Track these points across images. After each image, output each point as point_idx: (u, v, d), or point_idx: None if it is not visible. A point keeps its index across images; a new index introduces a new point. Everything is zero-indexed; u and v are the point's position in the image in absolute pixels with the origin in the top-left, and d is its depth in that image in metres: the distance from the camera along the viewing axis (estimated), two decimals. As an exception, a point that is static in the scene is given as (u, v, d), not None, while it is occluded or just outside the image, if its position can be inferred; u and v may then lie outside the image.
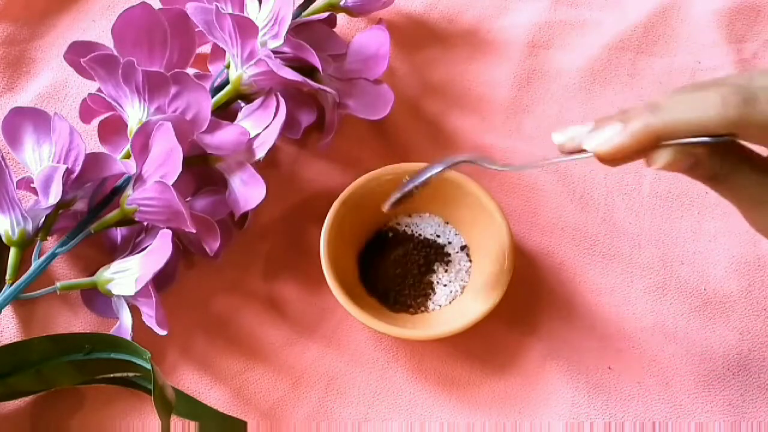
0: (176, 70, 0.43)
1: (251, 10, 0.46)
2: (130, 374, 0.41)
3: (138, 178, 0.42)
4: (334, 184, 0.50)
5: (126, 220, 0.43)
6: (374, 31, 0.50)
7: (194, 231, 0.41)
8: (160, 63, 0.45)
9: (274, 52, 0.45)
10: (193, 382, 0.45)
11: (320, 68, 0.46)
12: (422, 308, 0.46)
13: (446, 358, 0.45)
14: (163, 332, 0.41)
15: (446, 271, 0.47)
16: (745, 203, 0.33)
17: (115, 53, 0.44)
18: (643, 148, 0.31)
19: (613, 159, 0.32)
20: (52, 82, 0.54)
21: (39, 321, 0.46)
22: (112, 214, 0.43)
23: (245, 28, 0.43)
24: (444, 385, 0.45)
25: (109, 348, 0.40)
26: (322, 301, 0.47)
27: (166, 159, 0.41)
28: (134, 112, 0.44)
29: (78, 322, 0.46)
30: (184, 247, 0.47)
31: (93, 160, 0.42)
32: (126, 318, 0.42)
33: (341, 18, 0.54)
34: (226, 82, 0.47)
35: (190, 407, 0.42)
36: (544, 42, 0.57)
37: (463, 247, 0.47)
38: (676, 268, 0.48)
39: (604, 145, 0.32)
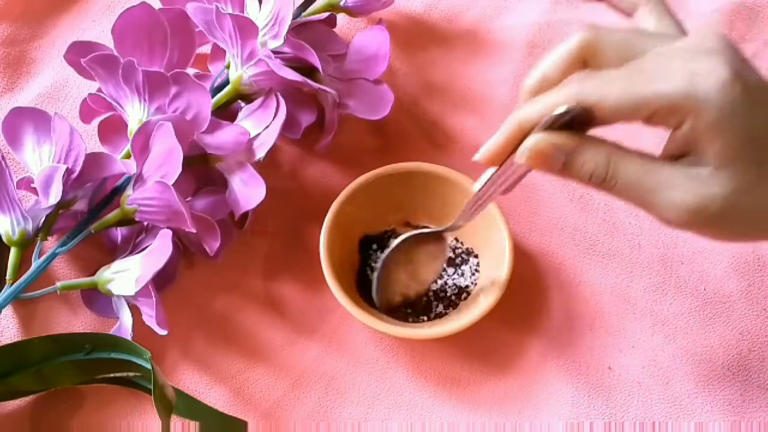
0: (176, 70, 0.44)
1: (251, 10, 0.46)
2: (130, 374, 0.41)
3: (138, 178, 0.42)
4: (334, 184, 0.50)
5: (126, 220, 0.43)
6: (374, 31, 0.50)
7: (194, 231, 0.41)
8: (160, 63, 0.45)
9: (274, 52, 0.45)
10: (193, 382, 0.45)
11: (320, 68, 0.46)
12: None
13: (446, 358, 0.45)
14: (163, 332, 0.41)
15: (454, 271, 0.47)
16: (643, 196, 0.31)
17: (116, 53, 0.44)
18: (512, 140, 0.33)
19: (493, 159, 0.34)
20: (52, 82, 0.55)
21: (39, 321, 0.46)
22: (113, 214, 0.43)
23: (245, 28, 0.44)
24: (444, 385, 0.45)
25: (109, 348, 0.40)
26: (322, 301, 0.47)
27: (166, 159, 0.41)
28: (134, 112, 0.44)
29: (78, 322, 0.46)
30: (184, 247, 0.47)
31: (93, 160, 0.42)
32: (126, 318, 0.42)
33: (341, 18, 0.54)
34: (226, 82, 0.47)
35: (191, 407, 0.42)
36: (544, 42, 0.57)
37: (468, 251, 0.47)
38: (676, 268, 0.48)
39: (484, 150, 0.35)
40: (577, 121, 0.31)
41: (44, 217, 0.42)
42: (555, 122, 0.31)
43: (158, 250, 0.41)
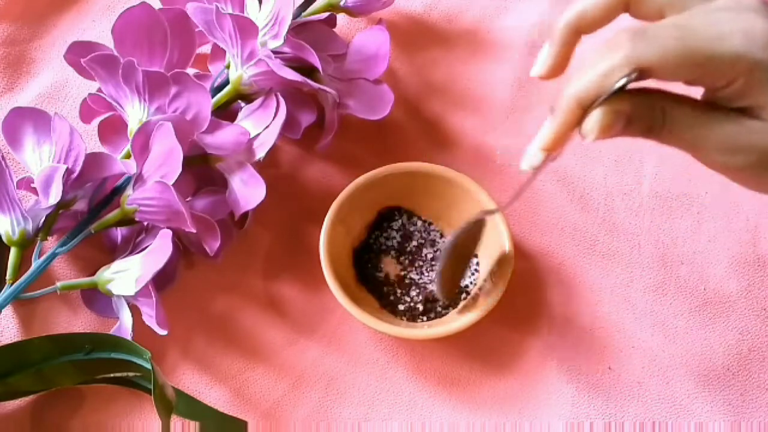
0: (176, 70, 0.44)
1: (251, 10, 0.46)
2: (130, 374, 0.41)
3: (138, 178, 0.42)
4: (334, 184, 0.50)
5: (126, 220, 0.43)
6: (374, 31, 0.50)
7: (194, 231, 0.41)
8: (160, 63, 0.45)
9: (274, 52, 0.45)
10: (193, 382, 0.45)
11: (320, 68, 0.46)
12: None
13: (446, 358, 0.45)
14: (163, 332, 0.41)
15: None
16: (691, 144, 0.33)
17: (116, 53, 0.44)
18: (574, 119, 0.33)
19: (557, 144, 0.33)
20: (52, 82, 0.54)
21: (39, 321, 0.46)
22: (113, 214, 0.43)
23: (245, 28, 0.44)
24: (444, 385, 0.45)
25: (109, 348, 0.41)
26: (322, 301, 0.47)
27: (166, 159, 0.41)
28: (134, 112, 0.44)
29: (78, 322, 0.46)
30: (184, 247, 0.47)
31: (93, 160, 0.42)
32: (126, 318, 0.42)
33: (341, 18, 0.54)
34: (226, 82, 0.47)
35: (191, 407, 0.42)
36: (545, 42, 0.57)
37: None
38: (675, 268, 0.48)
39: (544, 139, 0.34)
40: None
41: (44, 217, 0.42)
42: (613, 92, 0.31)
43: (158, 250, 0.41)
